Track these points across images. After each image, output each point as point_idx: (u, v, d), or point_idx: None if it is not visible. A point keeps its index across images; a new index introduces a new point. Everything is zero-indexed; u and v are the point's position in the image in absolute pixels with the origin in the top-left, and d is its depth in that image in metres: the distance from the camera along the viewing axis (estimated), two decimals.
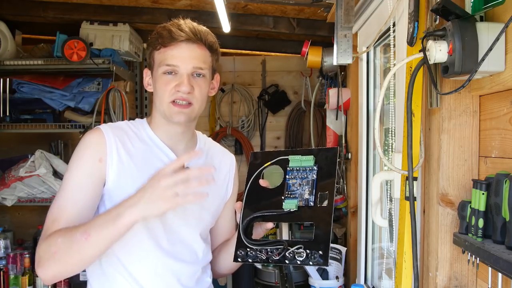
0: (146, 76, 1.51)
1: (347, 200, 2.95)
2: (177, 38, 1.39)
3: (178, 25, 1.41)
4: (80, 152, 1.41)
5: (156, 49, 1.43)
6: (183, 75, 1.40)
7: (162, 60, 1.41)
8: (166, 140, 1.48)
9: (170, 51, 1.40)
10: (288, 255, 1.20)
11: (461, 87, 1.09)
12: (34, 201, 3.30)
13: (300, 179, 1.28)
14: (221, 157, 1.62)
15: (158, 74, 1.42)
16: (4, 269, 2.96)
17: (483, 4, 1.04)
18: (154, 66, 1.45)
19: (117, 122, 1.53)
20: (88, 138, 1.41)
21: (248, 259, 1.25)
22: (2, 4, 3.21)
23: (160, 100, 1.42)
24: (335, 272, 2.65)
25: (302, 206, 1.25)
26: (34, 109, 3.49)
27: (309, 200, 1.25)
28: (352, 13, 1.93)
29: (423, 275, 1.42)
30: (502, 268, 0.94)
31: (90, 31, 3.31)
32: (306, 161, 1.29)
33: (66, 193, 1.36)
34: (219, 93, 4.08)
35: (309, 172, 1.28)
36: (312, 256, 1.18)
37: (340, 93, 2.84)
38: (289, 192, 1.28)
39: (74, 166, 1.39)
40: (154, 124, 1.50)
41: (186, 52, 1.40)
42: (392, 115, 1.69)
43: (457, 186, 1.27)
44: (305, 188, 1.27)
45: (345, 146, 2.87)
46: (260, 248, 1.23)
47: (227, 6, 2.50)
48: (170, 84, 1.40)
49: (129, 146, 1.43)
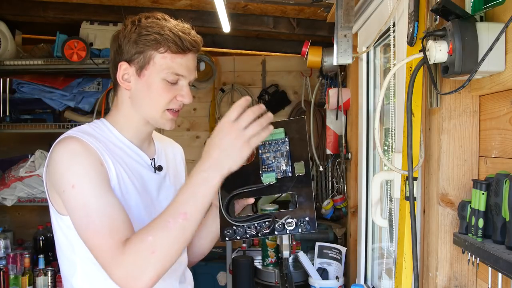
0: (122, 71, 1.35)
1: (347, 200, 2.95)
2: (189, 48, 1.32)
3: (188, 33, 1.33)
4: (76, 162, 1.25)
5: (158, 51, 1.31)
6: (184, 86, 1.35)
7: (169, 67, 1.31)
8: (134, 140, 1.42)
9: (179, 59, 1.32)
10: (278, 227, 1.22)
11: (461, 87, 1.09)
12: (34, 201, 3.30)
13: (274, 152, 1.30)
14: (172, 147, 1.61)
15: (157, 79, 1.32)
16: (4, 269, 2.96)
17: (483, 4, 1.04)
18: (149, 67, 1.32)
19: (80, 126, 1.37)
20: (76, 147, 1.26)
21: (236, 236, 1.25)
22: (2, 4, 3.21)
23: (154, 107, 1.35)
24: (335, 272, 2.66)
25: (280, 178, 1.28)
26: (34, 109, 3.50)
27: (287, 171, 1.28)
28: (352, 13, 1.93)
29: (423, 275, 1.42)
30: (502, 268, 0.94)
31: (90, 31, 3.31)
32: (276, 134, 1.31)
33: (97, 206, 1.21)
34: (219, 93, 4.08)
35: (281, 144, 1.31)
36: (301, 224, 1.21)
37: (340, 93, 2.84)
38: (265, 166, 1.30)
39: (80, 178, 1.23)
40: (121, 125, 1.40)
41: (192, 63, 1.36)
42: (392, 115, 1.69)
43: (457, 186, 1.28)
44: (281, 160, 1.29)
45: (345, 146, 2.87)
46: (248, 224, 1.24)
47: (227, 6, 2.50)
48: (171, 92, 1.34)
49: (105, 149, 1.33)
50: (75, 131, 1.33)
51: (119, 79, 1.37)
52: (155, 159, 1.46)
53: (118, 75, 1.37)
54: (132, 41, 1.34)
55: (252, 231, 1.23)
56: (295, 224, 1.21)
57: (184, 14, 3.23)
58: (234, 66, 4.09)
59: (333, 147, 3.05)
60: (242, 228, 1.24)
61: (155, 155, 1.48)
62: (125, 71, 1.36)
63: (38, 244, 3.27)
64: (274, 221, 1.22)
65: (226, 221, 1.26)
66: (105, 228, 1.19)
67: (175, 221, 1.16)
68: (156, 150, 1.51)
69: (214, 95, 4.07)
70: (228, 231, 1.25)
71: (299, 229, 1.21)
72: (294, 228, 1.21)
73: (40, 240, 3.26)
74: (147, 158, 1.44)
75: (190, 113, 4.10)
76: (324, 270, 2.66)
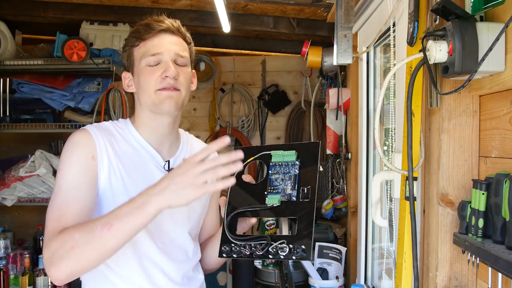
0: (125, 79, 1.48)
1: (347, 200, 2.95)
2: (156, 28, 1.41)
3: (155, 19, 1.44)
4: (71, 152, 1.36)
5: (134, 46, 1.43)
6: (168, 61, 1.39)
7: (144, 52, 1.40)
8: (152, 141, 1.46)
9: (150, 42, 1.41)
10: (271, 250, 1.20)
11: (461, 87, 1.09)
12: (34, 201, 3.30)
13: (283, 174, 1.29)
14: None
15: (141, 68, 1.41)
16: (4, 269, 2.96)
17: (483, 4, 1.04)
18: (135, 63, 1.43)
19: (102, 122, 1.49)
20: (77, 138, 1.38)
21: (232, 254, 1.25)
22: (2, 4, 3.21)
23: (147, 91, 1.40)
24: (335, 272, 2.66)
25: (284, 201, 1.26)
26: (34, 109, 3.49)
27: (291, 195, 1.26)
28: (352, 13, 1.93)
29: (423, 275, 1.42)
30: (502, 268, 0.94)
31: (90, 31, 3.31)
32: (289, 156, 1.30)
33: (64, 191, 1.31)
34: (219, 93, 4.08)
35: (291, 167, 1.29)
36: (295, 251, 1.19)
37: (340, 93, 2.84)
38: (271, 187, 1.28)
39: (67, 164, 1.35)
40: (138, 123, 1.48)
41: (167, 40, 1.42)
42: (392, 115, 1.69)
43: (457, 186, 1.28)
44: (288, 183, 1.27)
45: (345, 146, 2.87)
46: (244, 243, 1.24)
47: (227, 6, 2.50)
48: (155, 73, 1.39)
49: (116, 148, 1.41)
50: (93, 124, 1.45)
51: (125, 87, 1.48)
52: (169, 161, 1.47)
53: (124, 85, 1.49)
54: (122, 51, 1.49)
55: (247, 251, 1.23)
56: (288, 250, 1.19)
57: (184, 14, 3.24)
58: (234, 66, 4.09)
59: (333, 147, 3.05)
60: (239, 247, 1.24)
61: (172, 157, 1.49)
62: (127, 79, 1.48)
63: (38, 244, 3.26)
64: (269, 244, 1.21)
65: (226, 237, 1.26)
66: (57, 212, 1.29)
67: (101, 230, 1.17)
68: (178, 153, 1.52)
69: (214, 95, 4.08)
70: (225, 247, 1.25)
71: (293, 256, 1.19)
72: (287, 254, 1.19)
73: (40, 240, 3.25)
74: (160, 159, 1.46)
75: (190, 113, 4.10)
76: (324, 270, 2.66)
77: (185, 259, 1.51)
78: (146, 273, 1.42)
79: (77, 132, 1.40)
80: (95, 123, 1.48)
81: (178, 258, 1.49)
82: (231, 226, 1.28)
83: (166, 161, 1.47)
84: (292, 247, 1.19)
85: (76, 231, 1.20)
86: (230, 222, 1.29)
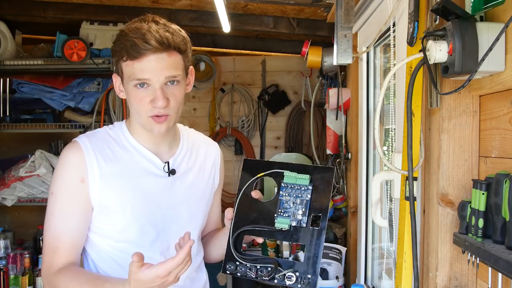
0: (116, 82, 1.40)
1: (347, 200, 2.95)
2: (143, 52, 1.27)
3: (142, 35, 1.27)
4: (61, 173, 1.38)
5: (122, 60, 1.31)
6: (156, 89, 1.30)
7: (131, 74, 1.31)
8: (148, 144, 1.43)
9: (138, 64, 1.29)
10: (278, 277, 1.21)
11: (461, 87, 1.09)
12: (34, 201, 3.30)
13: (294, 198, 1.26)
14: (206, 147, 1.59)
15: (130, 87, 1.33)
16: (4, 269, 2.96)
17: (483, 4, 1.04)
18: (124, 77, 1.34)
19: (96, 130, 1.47)
20: (67, 157, 1.38)
21: (237, 273, 1.25)
22: (2, 4, 3.21)
23: (138, 114, 1.36)
24: (335, 272, 2.66)
25: (294, 226, 1.24)
26: (34, 109, 3.49)
27: (301, 221, 1.24)
28: (352, 13, 1.93)
29: (423, 275, 1.42)
30: (502, 268, 0.94)
31: (90, 31, 3.31)
32: (302, 179, 1.26)
33: (57, 220, 1.36)
34: (219, 93, 4.08)
35: (303, 192, 1.26)
36: (302, 281, 1.19)
37: (340, 93, 2.84)
38: (282, 210, 1.26)
39: (58, 189, 1.37)
40: (133, 129, 1.44)
41: (155, 64, 1.29)
42: (392, 115, 1.69)
43: (457, 186, 1.27)
44: (299, 208, 1.25)
45: (345, 146, 2.87)
46: (250, 265, 1.23)
47: (227, 6, 2.50)
48: (144, 99, 1.32)
49: (110, 156, 1.39)
50: (86, 135, 1.42)
51: (116, 90, 1.42)
52: (169, 162, 1.45)
53: (115, 88, 1.42)
54: (111, 53, 1.39)
55: (252, 274, 1.23)
56: (295, 279, 1.19)
57: (184, 14, 3.24)
58: (234, 66, 4.09)
59: (333, 147, 3.05)
60: (244, 267, 1.23)
61: (172, 157, 1.47)
62: (117, 83, 1.41)
63: (38, 244, 3.26)
64: (275, 270, 1.21)
65: (231, 255, 1.25)
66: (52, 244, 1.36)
67: None
68: (178, 152, 1.49)
69: (214, 95, 4.07)
70: (230, 265, 1.25)
71: (298, 285, 1.19)
72: (294, 283, 1.19)
73: (40, 240, 3.25)
74: (159, 161, 1.43)
75: (190, 113, 4.10)
76: (324, 270, 2.66)
77: None
78: None
79: (68, 148, 1.40)
80: (89, 132, 1.46)
81: None
82: (237, 242, 1.27)
83: (165, 162, 1.44)
84: (299, 276, 1.19)
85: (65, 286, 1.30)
86: (236, 238, 1.27)
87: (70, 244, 1.36)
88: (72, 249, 1.37)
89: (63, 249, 1.35)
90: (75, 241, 1.38)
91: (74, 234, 1.37)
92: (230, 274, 1.26)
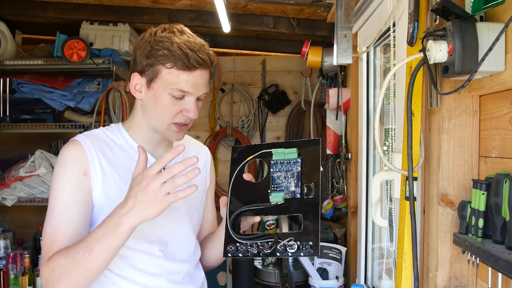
0: (135, 81, 1.40)
1: (347, 200, 2.95)
2: (195, 66, 1.33)
3: (197, 50, 1.34)
4: (63, 168, 1.36)
5: (165, 67, 1.34)
6: (191, 102, 1.36)
7: (174, 83, 1.34)
8: (145, 145, 1.44)
9: (185, 75, 1.34)
10: (279, 248, 1.21)
11: (461, 87, 1.09)
12: (34, 201, 3.30)
13: (285, 172, 1.29)
14: (198, 150, 1.62)
15: (164, 94, 1.36)
16: (4, 269, 2.96)
17: (483, 4, 1.04)
18: (157, 81, 1.36)
19: (93, 130, 1.48)
20: (68, 152, 1.37)
21: (238, 253, 1.25)
22: (2, 4, 3.21)
23: (161, 119, 1.39)
24: (335, 272, 2.66)
25: (289, 199, 1.27)
26: (34, 109, 3.49)
27: (295, 192, 1.26)
28: (352, 13, 1.93)
29: (423, 275, 1.42)
30: (502, 268, 0.94)
31: (90, 31, 3.31)
32: (290, 153, 1.30)
33: (57, 212, 1.34)
34: (219, 93, 4.08)
35: (293, 165, 1.29)
36: (303, 248, 1.20)
37: (340, 93, 2.84)
38: (274, 185, 1.28)
39: (59, 184, 1.35)
40: (134, 130, 1.46)
41: (199, 80, 1.36)
42: (392, 115, 1.69)
43: (457, 186, 1.27)
44: (291, 181, 1.28)
45: (345, 146, 2.87)
46: (250, 242, 1.24)
47: (227, 6, 2.50)
48: (176, 107, 1.36)
49: (110, 156, 1.40)
50: (84, 134, 1.42)
51: (132, 89, 1.43)
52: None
53: (131, 85, 1.42)
54: (144, 53, 1.38)
55: (254, 250, 1.23)
56: (297, 247, 1.20)
57: (184, 14, 3.24)
58: (234, 66, 4.09)
59: (333, 147, 3.05)
60: (245, 246, 1.24)
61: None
62: (137, 82, 1.41)
63: (38, 244, 3.26)
64: (276, 242, 1.21)
65: (230, 237, 1.26)
66: (50, 237, 1.33)
67: (83, 254, 1.22)
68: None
69: (214, 95, 4.08)
70: (230, 247, 1.25)
71: (301, 253, 1.20)
72: (296, 251, 1.20)
73: (40, 240, 3.25)
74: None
75: None
76: (324, 270, 2.66)
77: (187, 258, 1.52)
78: (148, 274, 1.43)
79: (68, 145, 1.39)
80: (86, 131, 1.46)
81: (180, 258, 1.49)
82: (235, 226, 1.28)
83: None
84: (300, 243, 1.20)
85: (62, 257, 1.25)
86: (234, 222, 1.28)
87: (70, 235, 1.33)
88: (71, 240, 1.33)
89: (62, 240, 1.32)
90: (77, 231, 1.34)
91: (76, 224, 1.34)
92: (231, 257, 1.27)
